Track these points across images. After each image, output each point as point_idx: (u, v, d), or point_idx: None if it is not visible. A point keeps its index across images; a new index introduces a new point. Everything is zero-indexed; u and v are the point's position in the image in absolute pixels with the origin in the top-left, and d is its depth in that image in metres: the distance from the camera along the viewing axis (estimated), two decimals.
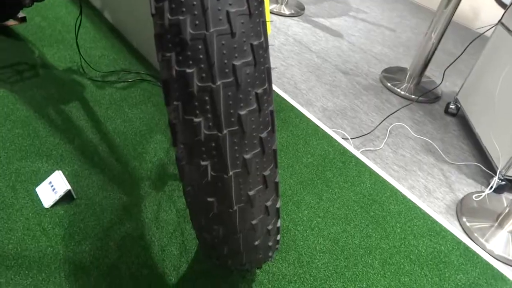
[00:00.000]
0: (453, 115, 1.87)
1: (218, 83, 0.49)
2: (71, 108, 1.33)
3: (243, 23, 0.49)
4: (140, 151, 1.23)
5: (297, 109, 1.54)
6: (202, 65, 0.49)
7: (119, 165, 1.18)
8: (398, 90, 1.95)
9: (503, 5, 2.81)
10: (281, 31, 2.31)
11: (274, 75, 1.92)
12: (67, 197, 1.05)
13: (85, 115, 1.31)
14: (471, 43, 1.77)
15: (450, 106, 1.86)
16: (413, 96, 1.93)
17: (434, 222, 1.18)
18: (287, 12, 2.47)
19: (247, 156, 0.53)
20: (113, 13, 1.76)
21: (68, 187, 1.04)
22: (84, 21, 1.76)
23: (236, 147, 0.52)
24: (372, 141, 1.66)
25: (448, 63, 2.32)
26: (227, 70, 0.49)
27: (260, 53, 0.51)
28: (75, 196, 1.06)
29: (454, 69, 2.22)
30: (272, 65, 1.99)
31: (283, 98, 1.59)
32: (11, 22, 1.61)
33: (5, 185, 1.06)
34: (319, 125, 1.47)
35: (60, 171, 1.09)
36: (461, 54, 1.82)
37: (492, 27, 1.64)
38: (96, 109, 1.34)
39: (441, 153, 1.64)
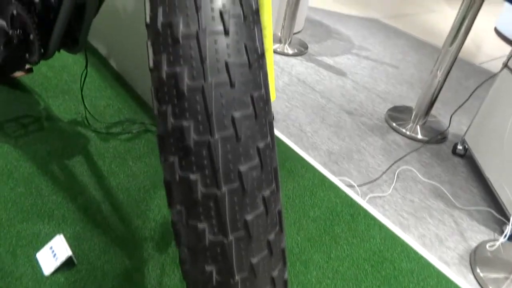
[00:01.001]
0: (461, 156, 1.85)
1: (223, 189, 0.47)
2: (75, 163, 1.32)
3: (248, 127, 0.48)
4: (143, 208, 1.21)
5: (303, 158, 1.52)
6: (207, 171, 0.47)
7: (122, 224, 1.15)
8: (404, 130, 1.94)
9: (509, 42, 2.82)
10: (285, 71, 2.33)
11: (278, 117, 1.92)
12: (68, 263, 1.02)
13: (89, 171, 1.30)
14: (478, 87, 1.77)
15: (458, 147, 1.83)
16: (419, 137, 1.91)
17: (449, 281, 1.13)
18: (290, 51, 2.49)
19: (254, 261, 0.50)
20: (118, 60, 1.78)
21: (69, 253, 1.01)
22: (90, 70, 1.78)
23: (243, 252, 0.49)
24: (380, 186, 1.63)
25: (453, 101, 2.31)
26: (232, 176, 0.47)
27: (266, 154, 0.50)
28: (76, 262, 1.03)
29: (460, 108, 2.21)
30: (276, 107, 1.98)
31: (288, 146, 1.57)
32: (18, 74, 1.63)
33: (5, 250, 1.04)
34: (325, 174, 1.45)
35: (61, 235, 1.06)
36: (469, 97, 1.81)
37: (500, 71, 1.63)
38: (100, 163, 1.33)
39: (451, 197, 1.60)
